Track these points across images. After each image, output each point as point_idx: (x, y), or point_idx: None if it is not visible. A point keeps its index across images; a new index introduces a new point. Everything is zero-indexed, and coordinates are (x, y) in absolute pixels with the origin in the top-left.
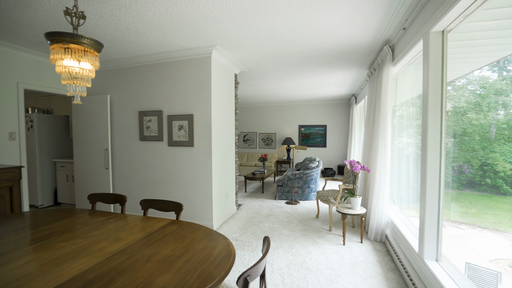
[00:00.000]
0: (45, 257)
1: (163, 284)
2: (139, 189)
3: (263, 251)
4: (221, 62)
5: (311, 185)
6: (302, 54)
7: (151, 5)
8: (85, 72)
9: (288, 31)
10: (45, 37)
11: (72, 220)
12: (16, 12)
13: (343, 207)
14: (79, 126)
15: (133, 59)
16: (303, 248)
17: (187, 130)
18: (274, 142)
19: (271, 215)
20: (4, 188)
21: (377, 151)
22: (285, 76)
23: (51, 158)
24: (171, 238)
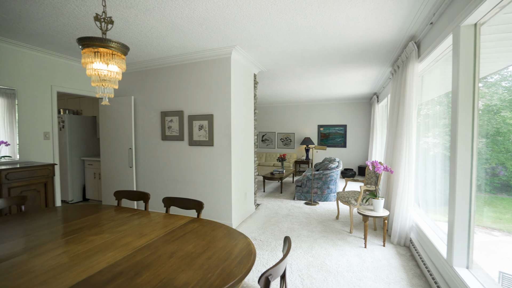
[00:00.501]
0: (76, 249)
1: (186, 280)
2: (161, 187)
3: (284, 251)
4: (240, 63)
5: (330, 185)
6: (322, 52)
7: (174, 8)
8: (113, 74)
9: (308, 29)
10: (77, 42)
11: (100, 215)
12: (52, 20)
13: (364, 209)
14: (106, 126)
15: (156, 61)
16: (322, 249)
17: (207, 130)
18: (292, 142)
19: (289, 216)
20: (39, 184)
21: (401, 152)
22: (304, 76)
23: (80, 157)
24: (193, 236)
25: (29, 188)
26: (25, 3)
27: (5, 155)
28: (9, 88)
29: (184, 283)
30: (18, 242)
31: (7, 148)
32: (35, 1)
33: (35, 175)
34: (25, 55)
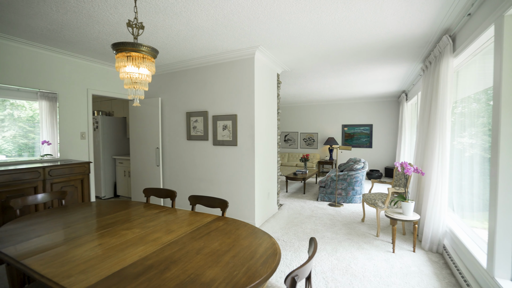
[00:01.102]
0: (110, 242)
1: (212, 276)
2: (185, 186)
3: (310, 252)
4: (264, 63)
5: (356, 187)
6: (347, 50)
7: (200, 11)
8: (143, 77)
9: (333, 27)
10: (112, 47)
11: (130, 211)
12: (88, 28)
13: (392, 212)
14: (135, 126)
15: (182, 63)
16: (347, 252)
17: (231, 129)
18: (315, 142)
19: (313, 217)
20: (77, 180)
21: (433, 153)
22: (328, 74)
23: (112, 155)
24: (218, 234)
25: (68, 184)
26: (66, 14)
27: (47, 153)
28: (51, 92)
29: (211, 280)
30: (59, 233)
31: (49, 147)
32: (74, 11)
33: (73, 172)
34: (65, 61)
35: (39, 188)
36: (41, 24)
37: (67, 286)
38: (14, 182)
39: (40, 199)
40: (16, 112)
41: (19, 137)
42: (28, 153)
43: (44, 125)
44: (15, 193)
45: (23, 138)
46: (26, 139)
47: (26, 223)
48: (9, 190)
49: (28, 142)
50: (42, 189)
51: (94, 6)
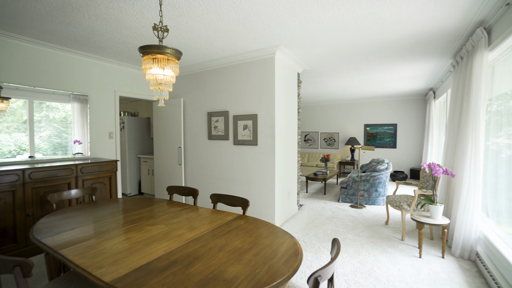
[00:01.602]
0: (137, 237)
1: (235, 274)
2: (206, 184)
3: (333, 253)
4: (284, 62)
5: (379, 188)
6: (370, 47)
7: (221, 13)
8: (168, 78)
9: (356, 24)
10: (139, 50)
11: (154, 208)
12: (116, 33)
13: (419, 215)
14: (158, 126)
15: (203, 64)
16: (370, 255)
17: (251, 129)
18: (336, 142)
19: (334, 218)
20: (105, 178)
21: (465, 154)
22: (350, 73)
23: (137, 154)
24: (240, 232)
25: (97, 181)
26: (97, 20)
27: (78, 152)
28: (82, 94)
29: (234, 277)
30: (91, 227)
31: (80, 146)
32: (104, 17)
33: (102, 170)
34: (95, 65)
35: (72, 184)
36: (74, 31)
37: (99, 276)
38: (51, 178)
39: (73, 195)
40: (51, 113)
41: (53, 136)
42: (62, 152)
43: (75, 125)
44: (51, 188)
45: (57, 137)
46: (60, 139)
47: (61, 216)
48: (46, 186)
49: (62, 141)
50: (74, 185)
51: (122, 12)
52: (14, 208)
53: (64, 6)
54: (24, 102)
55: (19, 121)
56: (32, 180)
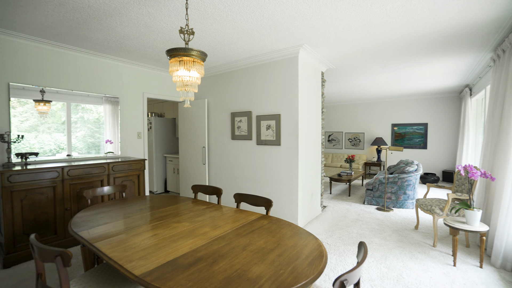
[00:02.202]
0: (164, 233)
1: (259, 273)
2: (229, 184)
3: (359, 257)
4: (308, 61)
5: (407, 191)
6: (399, 43)
7: (245, 13)
8: (194, 79)
9: (384, 19)
10: (166, 53)
11: (180, 206)
12: (145, 37)
13: (453, 221)
14: (183, 126)
15: (227, 65)
16: (399, 261)
17: (274, 129)
18: (362, 142)
19: (359, 220)
20: (134, 176)
21: (507, 155)
22: (376, 70)
23: (163, 153)
24: (263, 232)
25: (127, 179)
26: (128, 26)
27: (109, 151)
28: (113, 96)
29: (258, 276)
30: (121, 222)
31: (111, 145)
32: (135, 23)
33: (131, 168)
34: (125, 69)
35: (104, 181)
36: (107, 37)
37: (130, 269)
38: (86, 175)
39: (106, 191)
40: (86, 115)
41: (87, 136)
42: (95, 151)
43: (107, 126)
44: (86, 185)
45: (90, 137)
46: (93, 138)
47: (95, 211)
48: (82, 182)
49: (94, 141)
50: (106, 182)
51: (151, 17)
52: (54, 203)
53: (99, 14)
54: (62, 105)
55: (58, 122)
56: (70, 177)
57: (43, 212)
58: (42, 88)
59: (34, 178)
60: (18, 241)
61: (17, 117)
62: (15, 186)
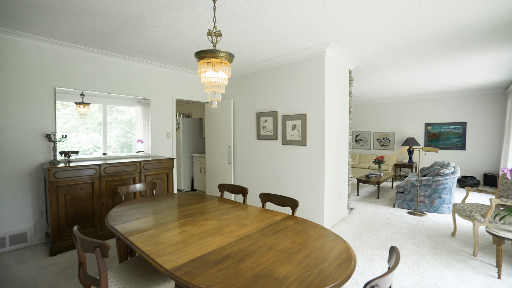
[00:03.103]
0: (192, 230)
1: (285, 274)
2: (254, 183)
3: (391, 262)
4: (335, 59)
5: (443, 195)
6: (435, 37)
7: (271, 13)
8: (221, 80)
9: (418, 12)
10: (195, 55)
11: (206, 204)
12: (174, 41)
13: (497, 229)
14: (210, 127)
15: (252, 66)
16: (433, 269)
17: (300, 129)
18: (391, 142)
19: (389, 224)
20: (163, 174)
21: None
22: (408, 67)
23: (190, 153)
24: (289, 232)
25: (157, 177)
26: (158, 31)
27: (140, 150)
28: (144, 98)
29: (284, 276)
30: (152, 218)
31: (142, 144)
32: (165, 28)
33: (161, 167)
34: (155, 71)
35: (136, 179)
36: (140, 42)
37: (161, 263)
38: (120, 173)
39: (138, 188)
40: (119, 116)
41: (120, 136)
42: (127, 150)
43: (138, 126)
44: (120, 182)
45: (123, 137)
46: (125, 138)
47: (128, 207)
48: (116, 179)
49: (127, 140)
50: (138, 179)
51: (180, 21)
52: (92, 198)
53: (133, 21)
54: (99, 107)
55: (95, 123)
56: (106, 174)
57: (83, 206)
58: (82, 92)
59: (75, 174)
60: (62, 232)
61: (60, 119)
62: (60, 182)
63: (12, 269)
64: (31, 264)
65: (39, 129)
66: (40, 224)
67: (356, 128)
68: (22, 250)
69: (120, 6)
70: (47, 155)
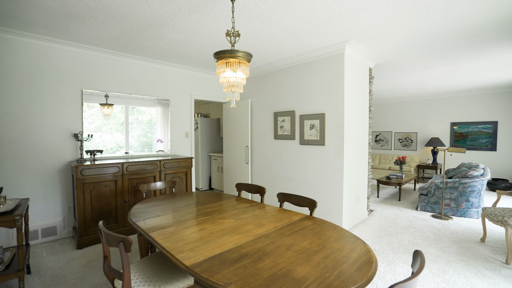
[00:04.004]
0: (210, 228)
1: (304, 274)
2: (271, 183)
3: (415, 267)
4: (354, 57)
5: (471, 198)
6: (463, 31)
7: (289, 12)
8: (239, 80)
9: (445, 5)
10: (214, 56)
11: (224, 203)
12: (193, 43)
13: None
14: (227, 126)
15: (270, 65)
16: (460, 276)
17: (318, 129)
18: (414, 143)
19: (411, 228)
20: (182, 173)
21: None
22: (433, 64)
23: (208, 152)
24: (308, 233)
25: (176, 175)
26: (178, 33)
27: (160, 149)
28: (164, 99)
29: (303, 277)
30: (171, 215)
31: (161, 144)
32: (184, 30)
33: (180, 166)
34: (175, 73)
35: (156, 177)
36: (160, 44)
37: (181, 259)
38: (141, 171)
39: (158, 186)
40: (140, 116)
41: (141, 136)
42: (147, 149)
43: (158, 126)
44: (141, 180)
45: (144, 137)
46: (146, 138)
47: (149, 204)
48: (138, 177)
49: (147, 140)
50: (158, 178)
51: (199, 23)
52: (115, 195)
53: (154, 24)
54: (121, 108)
55: (117, 123)
56: (128, 172)
57: (106, 203)
58: (106, 93)
59: (100, 172)
60: (88, 227)
61: (86, 119)
62: (86, 179)
63: (44, 260)
64: (60, 256)
65: (68, 129)
66: (68, 219)
67: (376, 128)
68: (52, 242)
69: (142, 10)
70: (74, 153)
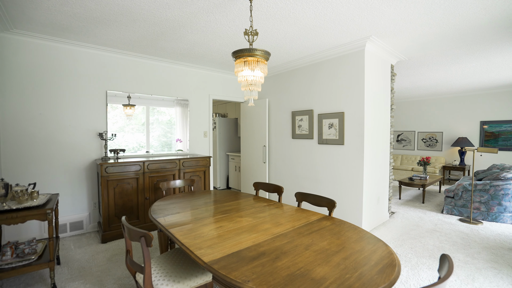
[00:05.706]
0: (228, 226)
1: (323, 275)
2: (289, 182)
3: (442, 272)
4: (375, 54)
5: (504, 202)
6: (495, 23)
7: (307, 10)
8: (257, 78)
9: None
10: (232, 55)
11: (242, 202)
12: (212, 43)
13: None
14: (245, 126)
15: (288, 64)
16: (492, 285)
17: (337, 128)
18: (439, 143)
19: (436, 231)
20: (201, 171)
21: None
22: (461, 59)
23: (226, 152)
24: (326, 233)
25: (194, 174)
26: (197, 34)
27: (179, 149)
28: (183, 99)
29: (322, 277)
30: (190, 213)
31: (181, 143)
32: (203, 30)
33: (199, 164)
34: (194, 73)
35: (176, 176)
36: (180, 45)
37: (199, 256)
38: (161, 169)
39: (177, 184)
40: (160, 117)
41: (161, 136)
42: (167, 149)
43: (177, 126)
44: (161, 178)
45: (163, 136)
46: (165, 138)
47: (169, 202)
48: (158, 176)
49: (167, 140)
50: (178, 176)
51: (217, 23)
52: (137, 192)
53: (174, 25)
54: (143, 108)
55: (139, 123)
56: (149, 170)
57: (129, 199)
58: (128, 94)
59: (123, 170)
60: (112, 222)
61: (110, 119)
62: (110, 176)
63: (72, 252)
64: (87, 249)
65: (93, 128)
66: (94, 214)
67: (398, 127)
68: (79, 236)
69: (163, 12)
70: (99, 152)
